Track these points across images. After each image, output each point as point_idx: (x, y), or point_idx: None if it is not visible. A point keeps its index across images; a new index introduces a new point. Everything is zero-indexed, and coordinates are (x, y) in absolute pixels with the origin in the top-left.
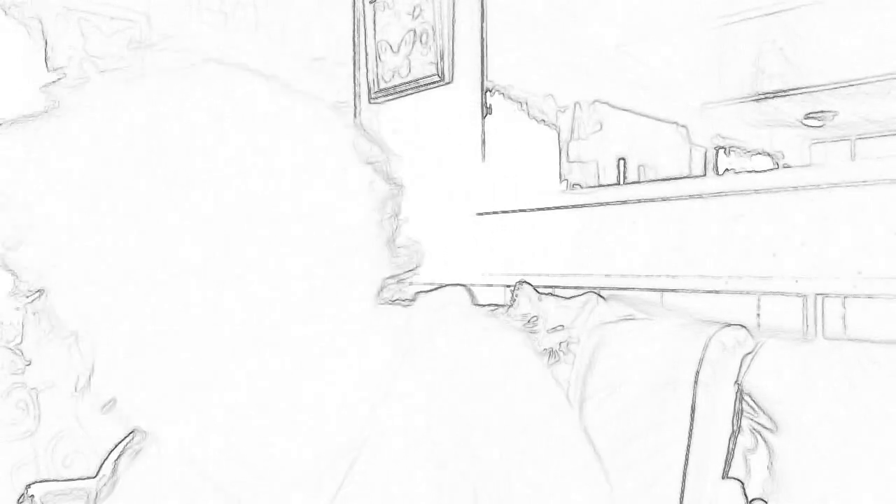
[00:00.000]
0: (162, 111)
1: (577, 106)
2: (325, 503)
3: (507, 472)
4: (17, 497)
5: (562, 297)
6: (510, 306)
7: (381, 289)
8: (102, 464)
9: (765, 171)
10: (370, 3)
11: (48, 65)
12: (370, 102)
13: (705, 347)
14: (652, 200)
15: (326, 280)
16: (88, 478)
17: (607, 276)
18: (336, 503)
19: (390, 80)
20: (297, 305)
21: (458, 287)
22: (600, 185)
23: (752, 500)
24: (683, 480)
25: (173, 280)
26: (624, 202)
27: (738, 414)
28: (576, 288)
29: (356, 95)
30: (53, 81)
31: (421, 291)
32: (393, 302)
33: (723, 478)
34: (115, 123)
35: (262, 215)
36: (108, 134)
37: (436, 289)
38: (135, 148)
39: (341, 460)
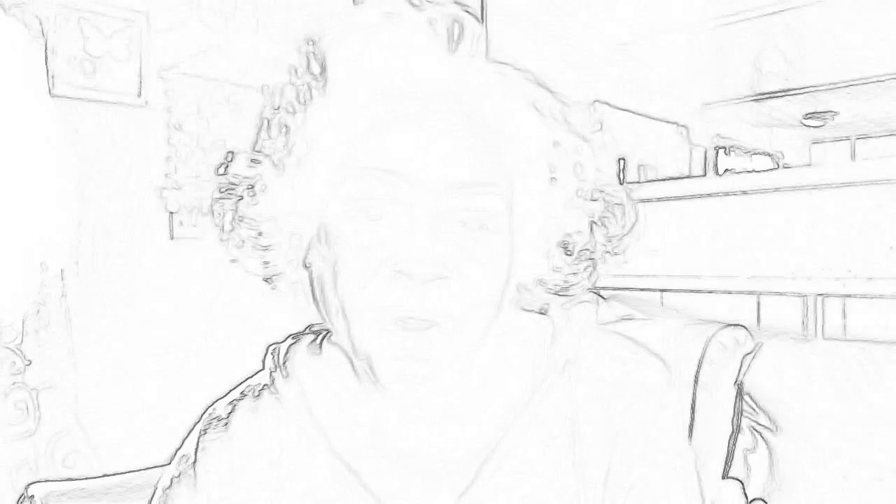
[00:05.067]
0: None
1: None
2: (451, 501)
3: (642, 491)
4: (17, 497)
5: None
6: None
7: (525, 295)
8: (202, 415)
9: (765, 171)
10: None
11: (48, 65)
12: None
13: (705, 347)
14: (652, 200)
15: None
16: (88, 478)
17: (608, 276)
18: (462, 502)
19: None
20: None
21: (587, 304)
22: None
23: (752, 500)
24: None
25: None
26: None
27: (738, 414)
28: None
29: None
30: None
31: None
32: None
33: (723, 478)
34: None
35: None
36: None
37: (568, 301)
38: None
39: (475, 459)
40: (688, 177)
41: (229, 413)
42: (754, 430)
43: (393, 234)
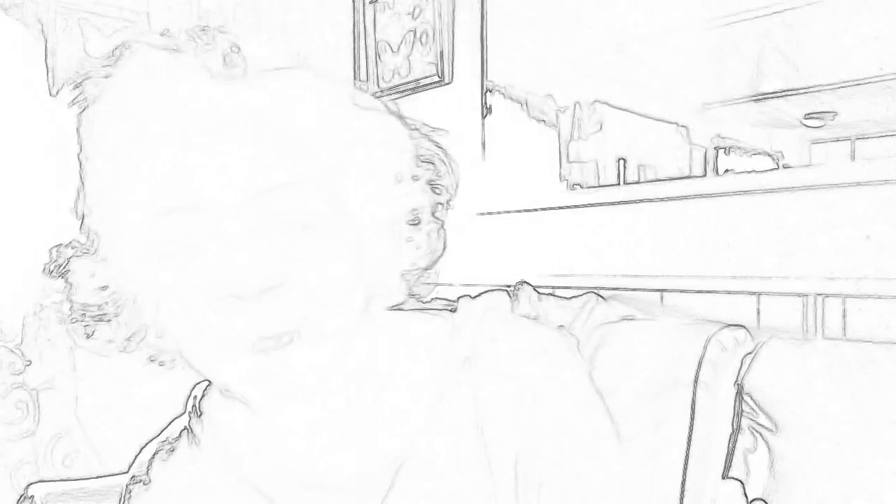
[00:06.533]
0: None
1: (577, 106)
2: None
3: (559, 481)
4: (17, 497)
5: (562, 297)
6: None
7: (408, 292)
8: (134, 460)
9: (765, 171)
10: (370, 3)
11: (48, 65)
12: None
13: (705, 347)
14: (652, 200)
15: (355, 280)
16: (88, 478)
17: (607, 276)
18: None
19: (390, 80)
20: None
21: (501, 293)
22: (600, 185)
23: (752, 500)
24: (683, 480)
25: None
26: (624, 202)
27: (738, 414)
28: (576, 288)
29: None
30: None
31: (465, 296)
32: (428, 303)
33: (723, 478)
34: None
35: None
36: None
37: (479, 294)
38: None
39: (387, 469)
40: (688, 177)
41: (151, 458)
42: (754, 430)
43: (214, 262)
